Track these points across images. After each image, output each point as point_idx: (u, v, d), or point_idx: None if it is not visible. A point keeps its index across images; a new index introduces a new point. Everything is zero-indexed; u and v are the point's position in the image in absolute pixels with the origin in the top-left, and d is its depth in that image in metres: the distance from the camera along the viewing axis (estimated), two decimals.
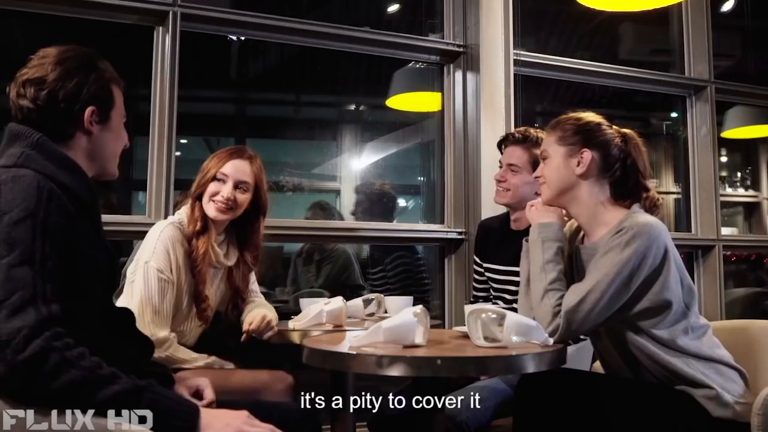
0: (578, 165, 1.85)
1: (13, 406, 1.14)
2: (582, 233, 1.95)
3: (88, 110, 1.40)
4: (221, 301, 2.26)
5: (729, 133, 4.76)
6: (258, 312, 2.17)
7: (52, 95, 1.37)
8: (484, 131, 3.28)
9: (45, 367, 1.13)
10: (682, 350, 1.77)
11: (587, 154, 1.85)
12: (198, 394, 1.65)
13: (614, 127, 1.92)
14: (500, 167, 2.49)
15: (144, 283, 1.98)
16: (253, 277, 2.36)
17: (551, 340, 1.64)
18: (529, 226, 2.39)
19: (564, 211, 1.93)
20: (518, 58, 3.38)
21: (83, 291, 1.31)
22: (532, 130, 2.48)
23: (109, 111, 1.45)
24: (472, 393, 2.18)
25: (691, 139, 4.05)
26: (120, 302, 1.96)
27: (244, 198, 2.16)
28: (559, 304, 1.75)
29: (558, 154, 1.88)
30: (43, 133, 1.37)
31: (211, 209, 2.13)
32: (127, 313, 1.57)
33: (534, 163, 2.39)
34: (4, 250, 1.18)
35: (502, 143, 2.51)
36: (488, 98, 3.32)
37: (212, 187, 2.14)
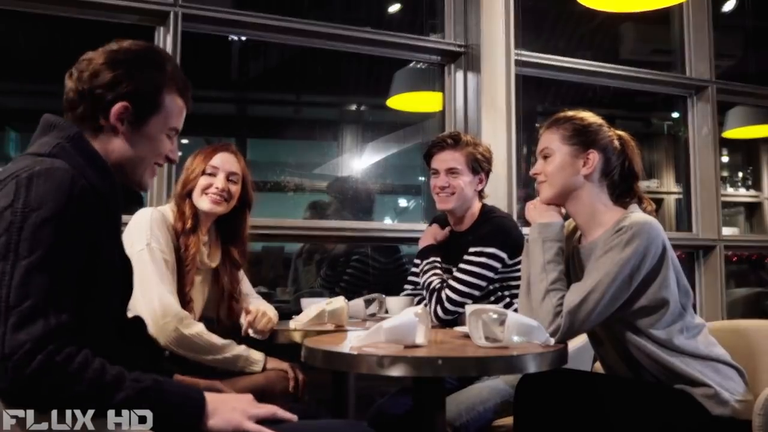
0: (584, 165, 1.85)
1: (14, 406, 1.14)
2: (579, 233, 1.95)
3: (120, 105, 1.33)
4: (209, 305, 2.20)
5: (730, 133, 4.76)
6: (256, 306, 2.16)
7: (91, 78, 1.33)
8: (485, 131, 3.27)
9: (46, 384, 1.11)
10: (679, 349, 1.77)
11: (593, 155, 1.85)
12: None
13: (612, 129, 1.93)
14: (434, 174, 2.48)
15: (154, 265, 1.94)
16: (245, 280, 2.34)
17: (552, 340, 1.64)
18: (471, 226, 2.42)
19: (564, 211, 1.93)
20: (519, 58, 3.38)
21: (100, 298, 1.27)
22: (462, 134, 2.51)
23: (148, 115, 1.37)
24: (471, 392, 2.18)
25: (692, 139, 4.05)
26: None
27: (235, 189, 2.15)
28: (561, 304, 1.75)
29: (562, 153, 1.87)
30: (77, 122, 1.33)
31: (205, 203, 2.10)
32: (138, 322, 1.55)
33: (470, 163, 2.43)
34: (25, 250, 1.14)
35: (433, 150, 2.50)
36: (489, 98, 3.32)
37: (203, 181, 2.12)
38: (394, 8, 4.01)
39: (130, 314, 1.50)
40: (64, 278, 1.16)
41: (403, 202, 4.23)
